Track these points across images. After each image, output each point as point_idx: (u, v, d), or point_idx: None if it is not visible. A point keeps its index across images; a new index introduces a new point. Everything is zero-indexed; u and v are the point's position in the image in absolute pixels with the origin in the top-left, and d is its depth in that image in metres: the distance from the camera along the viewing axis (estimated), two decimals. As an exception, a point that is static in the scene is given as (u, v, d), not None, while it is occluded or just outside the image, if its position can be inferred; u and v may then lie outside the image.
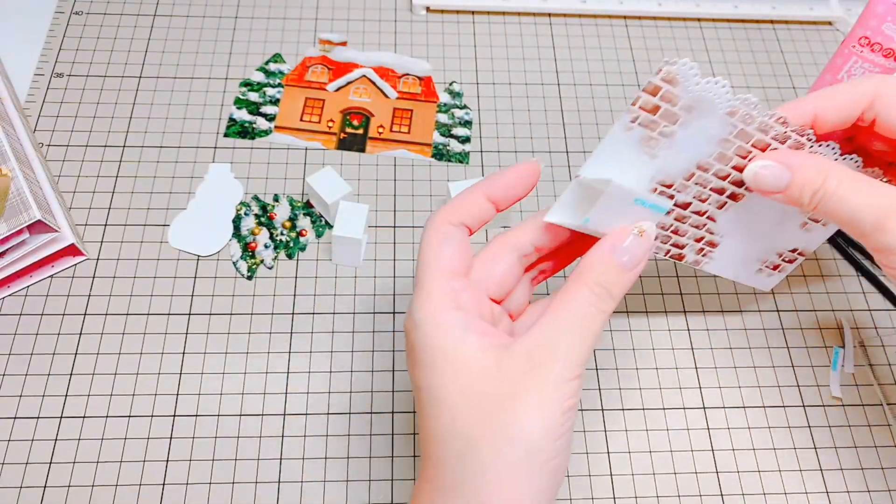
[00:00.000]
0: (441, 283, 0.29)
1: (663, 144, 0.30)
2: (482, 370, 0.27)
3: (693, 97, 0.30)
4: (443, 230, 0.30)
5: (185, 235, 0.45)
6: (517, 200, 0.32)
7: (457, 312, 0.28)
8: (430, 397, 0.28)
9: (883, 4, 0.43)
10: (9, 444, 0.38)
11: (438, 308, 0.28)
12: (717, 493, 0.39)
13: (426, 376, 0.28)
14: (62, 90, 0.51)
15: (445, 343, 0.28)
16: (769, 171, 0.30)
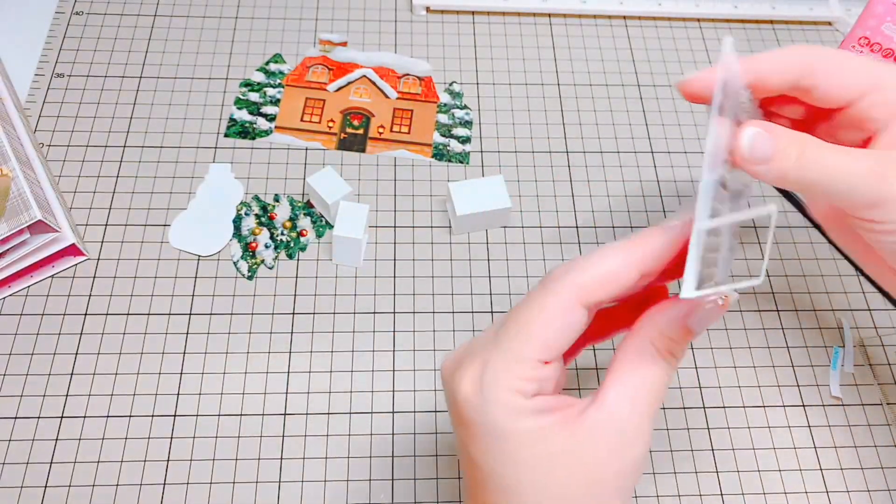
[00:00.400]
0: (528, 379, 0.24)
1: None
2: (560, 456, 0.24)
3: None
4: (575, 310, 0.24)
5: (185, 235, 0.45)
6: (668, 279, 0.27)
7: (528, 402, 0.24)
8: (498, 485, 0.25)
9: (882, 4, 0.43)
10: (9, 444, 0.38)
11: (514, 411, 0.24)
12: (718, 492, 0.39)
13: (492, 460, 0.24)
14: (63, 90, 0.51)
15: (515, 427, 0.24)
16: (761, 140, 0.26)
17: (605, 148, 0.51)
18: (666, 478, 0.39)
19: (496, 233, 0.47)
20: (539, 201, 0.48)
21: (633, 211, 0.48)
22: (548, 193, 0.49)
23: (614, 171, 0.50)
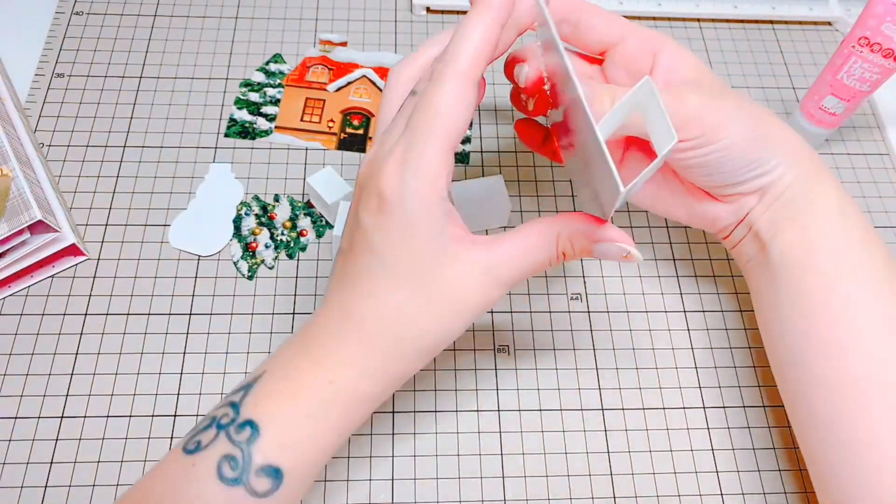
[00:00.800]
0: (444, 164, 0.28)
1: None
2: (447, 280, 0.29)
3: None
4: (468, 95, 0.27)
5: (185, 235, 0.45)
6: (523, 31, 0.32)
7: (445, 203, 0.28)
8: (389, 275, 0.29)
9: (882, 4, 0.43)
10: (10, 443, 0.38)
11: (437, 191, 0.28)
12: (718, 492, 0.39)
13: (394, 252, 0.28)
14: (63, 90, 0.51)
15: (424, 232, 0.28)
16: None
17: (605, 148, 0.51)
18: (666, 477, 0.39)
19: (496, 232, 0.47)
20: (539, 201, 0.48)
21: (632, 211, 0.48)
22: (548, 193, 0.49)
23: (614, 171, 0.50)
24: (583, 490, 0.39)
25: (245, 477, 0.27)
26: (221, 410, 0.29)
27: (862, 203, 0.50)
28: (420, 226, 0.28)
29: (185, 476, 0.28)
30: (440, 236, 0.28)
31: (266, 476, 0.28)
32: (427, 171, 0.27)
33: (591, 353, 0.43)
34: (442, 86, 0.27)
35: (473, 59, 0.27)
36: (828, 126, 0.49)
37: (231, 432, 0.28)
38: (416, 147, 0.27)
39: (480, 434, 0.40)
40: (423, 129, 0.27)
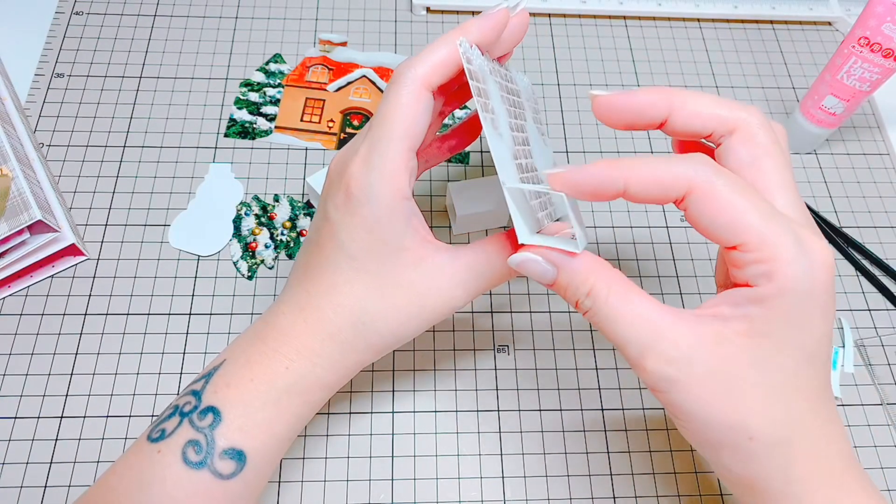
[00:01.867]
0: (405, 165, 0.29)
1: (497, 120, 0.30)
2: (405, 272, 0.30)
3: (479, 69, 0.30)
4: (422, 98, 0.29)
5: (185, 235, 0.45)
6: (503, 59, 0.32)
7: (409, 203, 0.29)
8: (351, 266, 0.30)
9: (882, 5, 0.43)
10: (9, 443, 0.38)
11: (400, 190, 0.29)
12: (718, 493, 0.39)
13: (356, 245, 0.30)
14: (62, 90, 0.51)
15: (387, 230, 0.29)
16: (536, 268, 0.28)
17: (604, 148, 0.51)
18: (666, 477, 0.39)
19: (496, 233, 0.47)
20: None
21: (632, 211, 0.48)
22: (548, 193, 0.49)
23: (614, 171, 0.50)
24: (583, 490, 0.39)
25: (209, 460, 0.28)
26: (183, 399, 0.30)
27: (862, 203, 0.50)
28: (383, 224, 0.29)
29: (150, 462, 0.29)
30: (403, 236, 0.29)
31: (230, 458, 0.29)
32: (390, 172, 0.29)
33: (591, 353, 0.43)
34: (399, 89, 0.29)
35: (433, 68, 0.29)
36: (828, 126, 0.49)
37: (194, 419, 0.29)
38: (379, 148, 0.29)
39: (480, 434, 0.40)
40: (384, 130, 0.29)
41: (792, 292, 0.25)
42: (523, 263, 0.28)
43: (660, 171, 0.26)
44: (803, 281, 0.25)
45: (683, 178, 0.26)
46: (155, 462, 0.29)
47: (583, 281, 0.27)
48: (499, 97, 0.31)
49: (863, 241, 0.48)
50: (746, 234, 0.25)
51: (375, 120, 0.29)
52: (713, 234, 0.26)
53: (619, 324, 0.27)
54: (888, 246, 0.48)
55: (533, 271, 0.28)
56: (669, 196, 0.26)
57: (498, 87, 0.31)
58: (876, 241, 0.48)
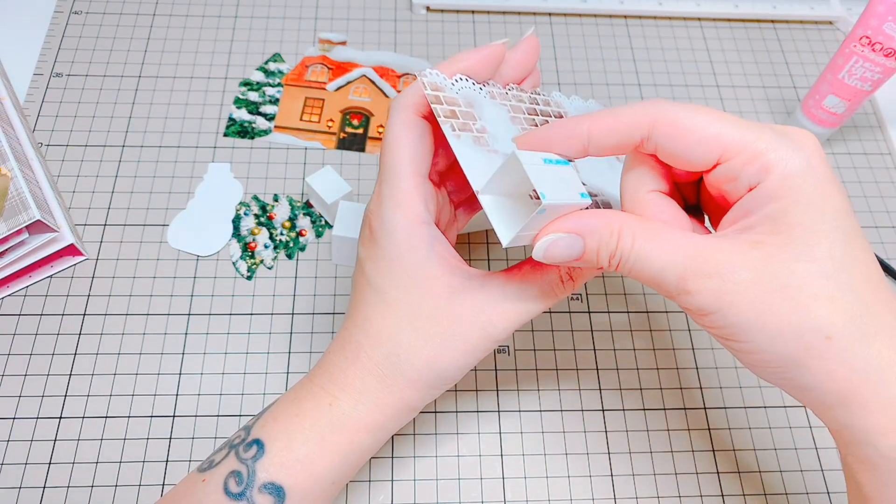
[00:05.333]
0: (414, 189, 0.29)
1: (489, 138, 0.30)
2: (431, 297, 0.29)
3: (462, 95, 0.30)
4: (415, 124, 0.29)
5: (184, 235, 0.45)
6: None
7: (427, 227, 0.29)
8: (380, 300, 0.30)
9: (884, 4, 0.43)
10: (8, 444, 0.38)
11: (409, 216, 0.29)
12: (718, 493, 0.39)
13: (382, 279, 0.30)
14: (61, 90, 0.51)
15: (408, 257, 0.29)
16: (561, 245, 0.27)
17: (605, 147, 0.51)
18: (667, 478, 0.39)
19: (496, 233, 0.47)
20: (539, 201, 0.48)
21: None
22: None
23: (615, 170, 0.50)
24: (583, 491, 0.39)
25: (249, 492, 0.28)
26: (236, 433, 0.31)
27: (863, 202, 0.50)
28: (403, 252, 0.29)
29: (194, 491, 0.29)
30: (426, 264, 0.29)
31: (268, 493, 0.28)
32: (401, 200, 0.29)
33: (592, 353, 0.43)
34: (391, 123, 0.29)
35: (419, 95, 0.29)
36: (829, 125, 0.49)
37: (240, 451, 0.30)
38: (387, 180, 0.29)
39: (480, 435, 0.40)
40: (387, 163, 0.29)
41: (796, 173, 0.24)
42: (550, 248, 0.27)
43: (620, 114, 0.26)
44: (799, 160, 0.24)
45: (643, 115, 0.26)
46: (198, 490, 0.29)
47: (608, 238, 0.26)
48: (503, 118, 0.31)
49: (864, 241, 0.48)
50: (722, 143, 0.25)
51: (381, 158, 0.30)
52: (689, 160, 0.25)
53: (652, 260, 0.25)
54: (889, 246, 0.48)
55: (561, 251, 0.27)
56: (633, 137, 0.26)
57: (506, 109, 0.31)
58: (877, 241, 0.48)
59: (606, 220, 0.27)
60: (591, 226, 0.27)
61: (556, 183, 0.27)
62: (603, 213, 0.27)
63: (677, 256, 0.25)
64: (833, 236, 0.24)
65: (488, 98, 0.31)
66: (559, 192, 0.27)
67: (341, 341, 0.31)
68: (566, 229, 0.27)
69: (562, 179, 0.27)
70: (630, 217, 0.27)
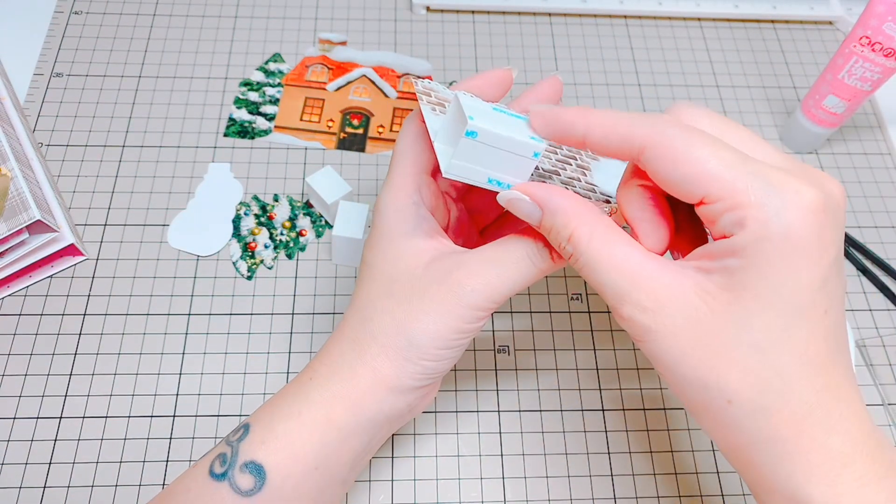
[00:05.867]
0: (408, 176, 0.31)
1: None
2: (410, 266, 0.30)
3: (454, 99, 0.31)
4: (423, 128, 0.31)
5: (184, 235, 0.45)
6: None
7: (415, 206, 0.31)
8: (368, 274, 0.31)
9: (884, 4, 0.43)
10: (8, 444, 0.38)
11: (399, 197, 0.31)
12: (719, 493, 0.39)
13: (372, 254, 0.31)
14: (61, 90, 0.51)
15: (395, 231, 0.30)
16: (522, 205, 0.28)
17: (605, 147, 0.51)
18: (667, 478, 0.39)
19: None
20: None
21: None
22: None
23: (615, 170, 0.50)
24: (583, 491, 0.39)
25: (230, 472, 0.28)
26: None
27: (863, 202, 0.50)
28: (391, 226, 0.31)
29: (184, 477, 0.30)
30: (412, 236, 0.30)
31: (249, 473, 0.28)
32: (397, 185, 0.31)
33: (592, 353, 0.43)
34: (405, 130, 0.32)
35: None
36: (829, 125, 0.49)
37: (230, 436, 0.30)
38: (389, 174, 0.32)
39: (480, 435, 0.40)
40: (394, 161, 0.32)
41: (767, 238, 0.23)
42: (511, 202, 0.28)
43: (619, 122, 0.26)
44: (777, 224, 0.23)
45: (639, 130, 0.25)
46: (187, 475, 0.30)
47: (564, 224, 0.26)
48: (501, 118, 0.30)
49: (864, 241, 0.48)
50: (708, 183, 0.23)
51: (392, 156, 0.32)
52: (676, 189, 0.25)
53: (599, 270, 0.26)
54: (889, 246, 0.48)
55: (520, 210, 0.28)
56: (624, 149, 0.26)
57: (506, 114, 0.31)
58: (877, 240, 0.48)
59: (570, 207, 0.27)
60: (554, 204, 0.27)
61: (497, 121, 0.27)
62: (573, 200, 0.27)
63: (623, 277, 0.25)
64: (780, 311, 0.23)
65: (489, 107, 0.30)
66: (496, 125, 0.27)
67: (338, 325, 0.32)
68: (531, 194, 0.28)
69: (507, 124, 0.28)
70: (596, 216, 0.27)
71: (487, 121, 0.27)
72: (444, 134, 0.29)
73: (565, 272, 0.46)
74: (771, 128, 0.53)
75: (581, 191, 0.31)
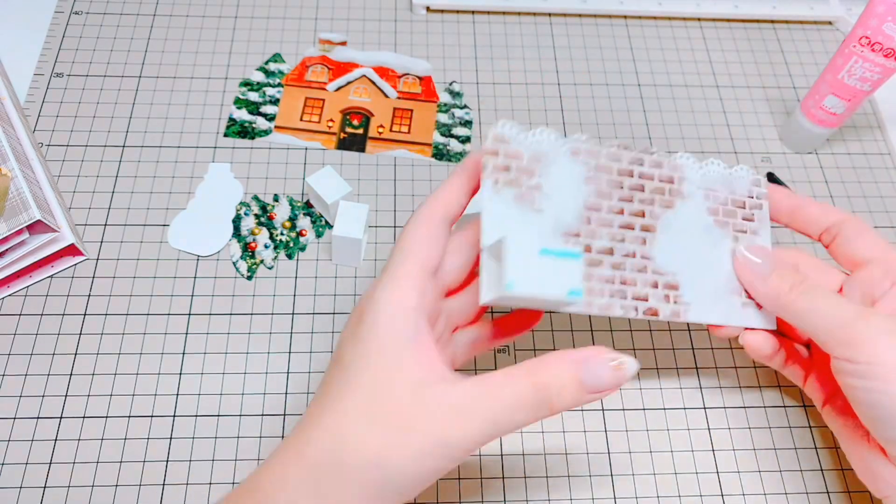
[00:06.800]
0: (414, 277, 0.29)
1: (539, 197, 0.32)
2: (397, 388, 0.27)
3: (533, 149, 0.32)
4: (434, 223, 0.30)
5: (184, 235, 0.45)
6: None
7: (414, 313, 0.28)
8: (343, 378, 0.28)
9: (883, 4, 0.43)
10: (9, 444, 0.38)
11: (402, 300, 0.28)
12: (718, 493, 0.39)
13: (354, 357, 0.28)
14: (62, 90, 0.51)
15: (387, 337, 0.27)
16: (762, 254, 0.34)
17: (605, 148, 0.51)
18: (667, 478, 0.39)
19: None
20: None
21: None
22: (548, 193, 0.49)
23: (614, 170, 0.50)
24: (583, 491, 0.39)
25: None
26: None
27: (863, 203, 0.50)
28: (383, 331, 0.28)
29: None
30: (402, 348, 0.27)
31: None
32: (400, 285, 0.28)
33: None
34: (413, 224, 0.30)
35: (440, 203, 0.31)
36: (829, 126, 0.49)
37: None
38: (390, 270, 0.29)
39: (480, 434, 0.40)
40: (398, 258, 0.29)
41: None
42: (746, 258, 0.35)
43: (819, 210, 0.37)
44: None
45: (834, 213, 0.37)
46: None
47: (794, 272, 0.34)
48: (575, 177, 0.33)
49: (863, 241, 0.48)
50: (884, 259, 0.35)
51: (392, 253, 0.30)
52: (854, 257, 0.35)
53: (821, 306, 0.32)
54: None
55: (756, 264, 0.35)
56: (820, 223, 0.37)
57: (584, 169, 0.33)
58: (877, 240, 0.48)
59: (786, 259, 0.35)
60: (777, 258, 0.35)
61: (541, 274, 0.28)
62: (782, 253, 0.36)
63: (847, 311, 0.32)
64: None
65: (568, 154, 0.32)
66: (536, 283, 0.28)
67: (294, 431, 0.28)
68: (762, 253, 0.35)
69: (554, 272, 0.28)
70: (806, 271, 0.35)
71: (527, 279, 0.27)
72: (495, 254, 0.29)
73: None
74: (770, 128, 0.53)
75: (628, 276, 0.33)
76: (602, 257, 0.33)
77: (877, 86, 0.46)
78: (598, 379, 0.28)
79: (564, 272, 0.28)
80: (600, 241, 0.33)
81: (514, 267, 0.27)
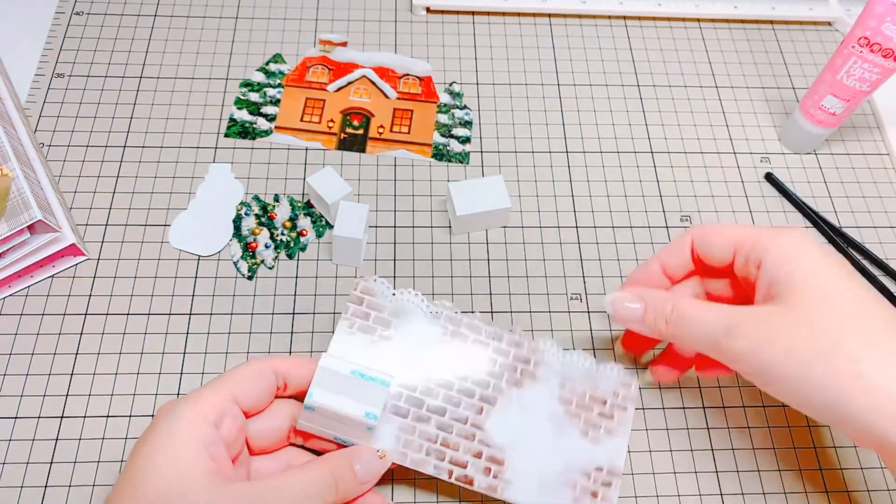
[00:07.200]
0: (222, 400, 0.31)
1: (388, 346, 0.35)
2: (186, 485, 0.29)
3: (395, 306, 0.35)
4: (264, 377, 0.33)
5: (185, 235, 0.45)
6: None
7: (213, 430, 0.30)
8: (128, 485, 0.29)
9: (882, 5, 0.43)
10: (10, 443, 0.38)
11: (204, 415, 0.30)
12: (717, 492, 0.39)
13: (141, 462, 0.29)
14: (63, 90, 0.51)
15: (182, 448, 0.29)
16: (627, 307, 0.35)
17: (604, 148, 0.51)
18: (666, 477, 0.39)
19: (496, 233, 0.47)
20: (539, 201, 0.48)
21: (632, 211, 0.48)
22: (548, 193, 0.49)
23: (614, 171, 0.50)
24: (583, 490, 0.39)
25: None
26: None
27: (861, 203, 0.50)
28: (177, 438, 0.29)
29: None
30: (195, 454, 0.29)
31: None
32: (200, 398, 0.31)
33: (591, 353, 0.43)
34: (254, 361, 0.34)
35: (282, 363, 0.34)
36: (828, 126, 0.49)
37: None
38: (203, 387, 0.32)
39: (480, 434, 0.40)
40: (218, 379, 0.32)
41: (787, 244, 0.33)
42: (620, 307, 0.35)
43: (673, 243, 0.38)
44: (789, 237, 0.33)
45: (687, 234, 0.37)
46: None
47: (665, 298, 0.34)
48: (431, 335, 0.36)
49: (862, 241, 0.48)
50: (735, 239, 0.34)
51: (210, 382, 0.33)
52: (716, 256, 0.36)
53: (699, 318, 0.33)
54: (888, 246, 0.48)
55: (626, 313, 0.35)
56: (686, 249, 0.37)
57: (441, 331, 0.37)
58: (876, 241, 0.48)
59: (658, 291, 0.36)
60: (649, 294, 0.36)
61: (346, 393, 0.32)
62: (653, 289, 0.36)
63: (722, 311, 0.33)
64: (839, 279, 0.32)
65: (429, 316, 0.36)
66: (337, 400, 0.32)
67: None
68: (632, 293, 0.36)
69: (359, 392, 0.32)
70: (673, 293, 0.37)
71: (328, 395, 0.32)
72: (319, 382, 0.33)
73: (565, 272, 0.46)
74: (770, 128, 0.53)
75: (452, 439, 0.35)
76: (431, 416, 0.35)
77: (876, 86, 0.46)
78: (367, 469, 0.33)
79: (369, 395, 0.32)
80: (434, 400, 0.35)
81: (320, 382, 0.32)
